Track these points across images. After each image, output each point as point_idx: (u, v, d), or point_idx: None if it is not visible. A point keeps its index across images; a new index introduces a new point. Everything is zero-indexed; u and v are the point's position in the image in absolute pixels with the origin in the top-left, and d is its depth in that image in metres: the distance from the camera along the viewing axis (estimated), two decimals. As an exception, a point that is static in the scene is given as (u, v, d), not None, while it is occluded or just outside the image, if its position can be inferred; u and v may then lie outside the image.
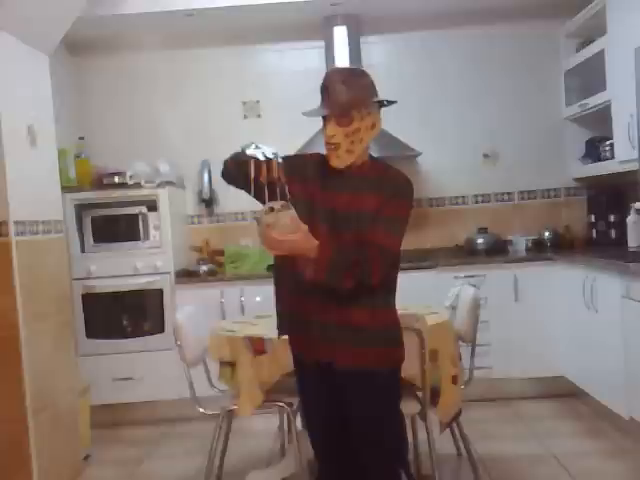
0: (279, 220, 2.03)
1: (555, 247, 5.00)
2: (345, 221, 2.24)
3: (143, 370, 4.66)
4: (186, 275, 4.82)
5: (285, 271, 2.31)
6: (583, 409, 4.38)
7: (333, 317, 2.26)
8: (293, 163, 2.30)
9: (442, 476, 3.17)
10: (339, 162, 2.26)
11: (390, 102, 2.31)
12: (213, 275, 4.83)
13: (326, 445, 2.48)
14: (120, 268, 4.68)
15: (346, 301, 2.23)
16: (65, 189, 4.32)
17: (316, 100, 2.27)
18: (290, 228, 2.04)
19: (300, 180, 2.30)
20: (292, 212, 2.05)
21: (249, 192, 2.21)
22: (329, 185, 2.29)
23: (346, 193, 2.27)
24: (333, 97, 2.19)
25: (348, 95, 2.19)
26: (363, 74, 2.29)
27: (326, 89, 2.23)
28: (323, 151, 2.37)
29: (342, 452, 2.44)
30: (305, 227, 2.07)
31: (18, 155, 3.42)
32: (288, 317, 2.41)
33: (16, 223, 3.34)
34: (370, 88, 2.26)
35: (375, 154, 2.40)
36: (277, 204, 2.05)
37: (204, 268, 4.84)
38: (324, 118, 2.25)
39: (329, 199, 2.27)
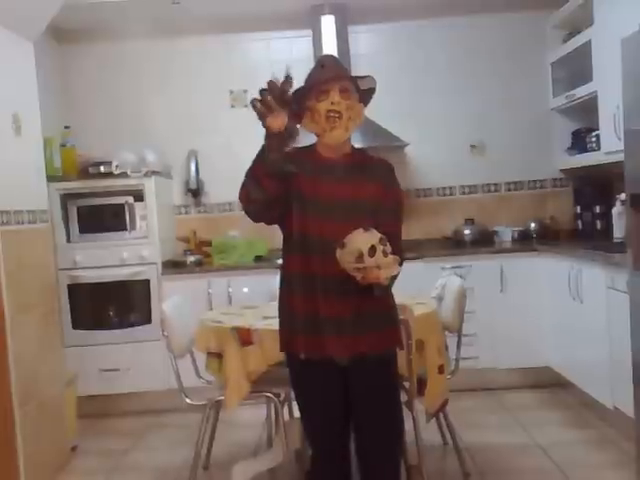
0: (384, 260, 2.07)
1: (541, 238, 5.02)
2: (344, 209, 2.28)
3: (130, 361, 4.64)
4: (173, 266, 4.81)
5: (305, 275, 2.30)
6: (568, 399, 4.41)
7: (363, 307, 2.28)
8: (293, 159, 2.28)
9: (428, 465, 3.18)
10: (340, 133, 2.29)
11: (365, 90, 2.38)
12: (200, 266, 4.82)
13: (332, 444, 2.45)
14: (106, 258, 4.65)
15: (364, 291, 2.24)
16: (50, 178, 4.27)
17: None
18: (393, 264, 2.10)
19: (304, 177, 2.30)
20: (389, 247, 2.10)
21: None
22: (326, 177, 2.31)
23: (344, 183, 2.32)
24: (337, 69, 2.32)
25: (347, 70, 2.37)
26: None
27: (323, 66, 2.32)
28: (310, 141, 2.38)
29: (346, 450, 2.45)
30: (397, 257, 2.13)
31: (2, 143, 3.39)
32: (301, 322, 2.33)
33: (1, 213, 3.31)
34: None
35: (363, 144, 2.42)
36: (375, 239, 2.07)
37: (191, 259, 4.83)
38: (321, 94, 2.26)
39: (331, 191, 2.30)
